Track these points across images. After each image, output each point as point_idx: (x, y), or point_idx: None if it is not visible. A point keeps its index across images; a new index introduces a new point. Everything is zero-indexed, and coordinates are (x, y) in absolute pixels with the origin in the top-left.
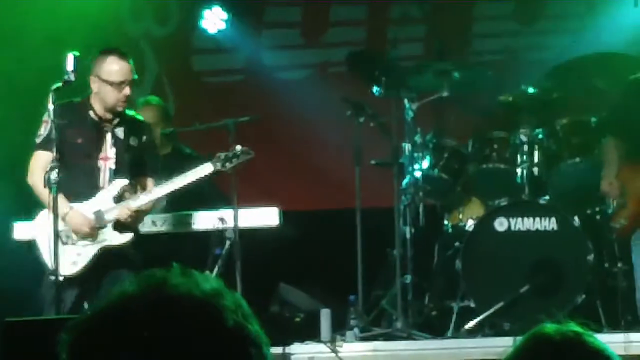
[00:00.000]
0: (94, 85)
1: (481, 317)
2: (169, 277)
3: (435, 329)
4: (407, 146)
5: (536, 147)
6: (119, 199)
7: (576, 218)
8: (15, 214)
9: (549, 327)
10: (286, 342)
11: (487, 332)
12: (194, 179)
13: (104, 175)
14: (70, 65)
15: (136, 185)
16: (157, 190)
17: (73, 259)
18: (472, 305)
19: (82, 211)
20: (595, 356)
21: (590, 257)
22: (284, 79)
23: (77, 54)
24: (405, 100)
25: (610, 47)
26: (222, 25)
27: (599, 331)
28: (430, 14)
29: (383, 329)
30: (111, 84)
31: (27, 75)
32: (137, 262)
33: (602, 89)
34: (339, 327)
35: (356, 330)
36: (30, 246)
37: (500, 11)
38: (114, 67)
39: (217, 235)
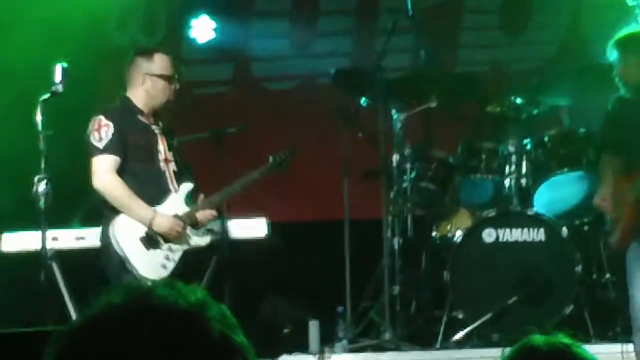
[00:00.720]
0: (146, 83)
1: (469, 328)
2: (154, 288)
3: (424, 340)
4: (395, 157)
5: (524, 157)
6: (188, 202)
7: (564, 229)
8: (5, 223)
9: (538, 338)
10: (274, 354)
11: (475, 343)
12: (254, 179)
13: (171, 179)
14: (58, 76)
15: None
16: (227, 191)
17: (162, 263)
18: (461, 316)
19: (166, 214)
20: None
21: (579, 268)
22: (272, 89)
23: (65, 64)
24: (393, 111)
25: (598, 58)
26: (212, 35)
27: (588, 342)
28: (418, 24)
29: (371, 340)
30: (166, 78)
31: (11, 86)
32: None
33: (590, 99)
34: (328, 339)
35: (344, 341)
36: (108, 254)
37: (487, 22)
38: (165, 62)
39: (205, 247)
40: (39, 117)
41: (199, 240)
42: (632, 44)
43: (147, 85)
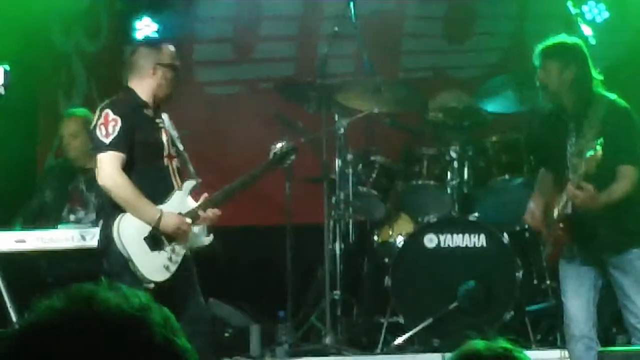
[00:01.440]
0: (157, 73)
1: (410, 333)
2: (97, 292)
3: (365, 344)
4: (337, 162)
5: (466, 164)
6: (191, 199)
7: (505, 235)
8: None
9: (479, 343)
10: (215, 358)
11: (416, 349)
12: (256, 176)
13: (174, 175)
14: (0, 78)
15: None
16: (229, 189)
17: (165, 264)
18: (402, 321)
19: (172, 212)
20: None
21: (519, 274)
22: (214, 94)
23: (8, 68)
24: (336, 117)
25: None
26: (154, 37)
27: (528, 348)
28: (361, 30)
29: (312, 344)
30: (175, 68)
31: None
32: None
33: (531, 107)
34: (269, 343)
35: (286, 346)
36: (108, 254)
37: (429, 29)
38: (172, 52)
39: None
40: None
41: (203, 239)
42: (554, 52)
43: (157, 76)
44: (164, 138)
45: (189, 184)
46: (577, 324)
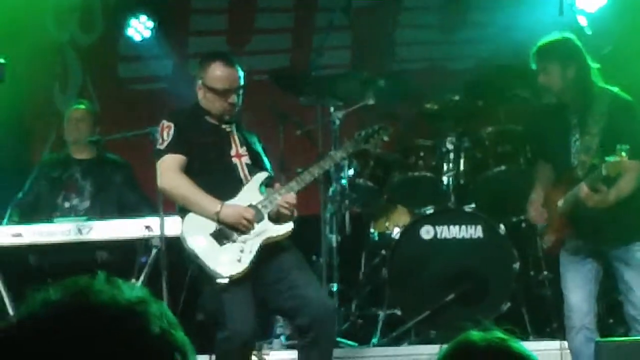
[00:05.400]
0: (200, 92)
1: (407, 325)
2: (93, 285)
3: (362, 336)
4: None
5: (462, 155)
6: (264, 191)
7: (502, 226)
8: None
9: (475, 334)
10: (213, 350)
11: (413, 340)
12: (340, 159)
13: (243, 171)
14: None
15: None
16: (306, 176)
17: (237, 257)
18: (399, 313)
19: (233, 204)
20: None
21: (516, 265)
22: None
23: (3, 60)
24: (331, 109)
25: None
26: (148, 34)
27: (525, 339)
28: (355, 21)
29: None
30: (216, 92)
31: None
32: (291, 245)
33: (527, 98)
34: (266, 335)
35: (282, 338)
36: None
37: (424, 20)
38: (218, 74)
39: (143, 244)
40: None
41: (278, 229)
42: (550, 52)
43: (200, 94)
44: (232, 140)
45: (260, 175)
46: (578, 315)
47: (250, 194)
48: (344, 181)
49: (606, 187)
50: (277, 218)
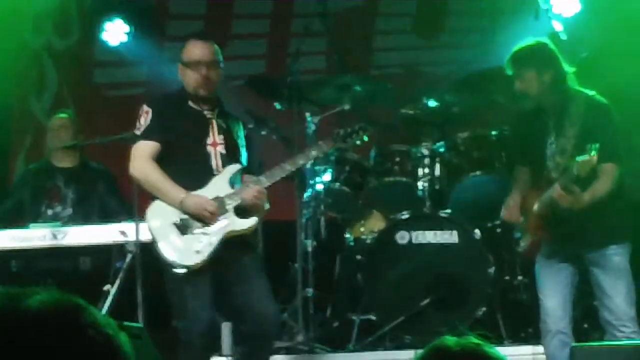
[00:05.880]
0: (180, 73)
1: (383, 330)
2: (29, 293)
3: (337, 342)
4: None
5: (437, 160)
6: (233, 184)
7: (477, 231)
8: None
9: (449, 339)
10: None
11: (388, 345)
12: (306, 162)
13: (216, 160)
14: None
15: (241, 176)
16: (265, 177)
17: (196, 248)
18: (374, 318)
19: (198, 194)
20: None
21: (491, 270)
22: None
23: None
24: (307, 114)
25: None
26: (124, 38)
27: (500, 344)
28: (331, 27)
29: (284, 342)
30: (189, 65)
31: None
32: (257, 248)
33: (503, 103)
34: (239, 341)
35: None
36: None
37: (400, 25)
38: (192, 49)
39: (118, 249)
40: None
41: (241, 223)
42: (526, 58)
43: (180, 74)
44: (211, 127)
45: (232, 167)
46: (553, 320)
47: (219, 185)
48: (319, 186)
49: (580, 187)
50: (243, 211)
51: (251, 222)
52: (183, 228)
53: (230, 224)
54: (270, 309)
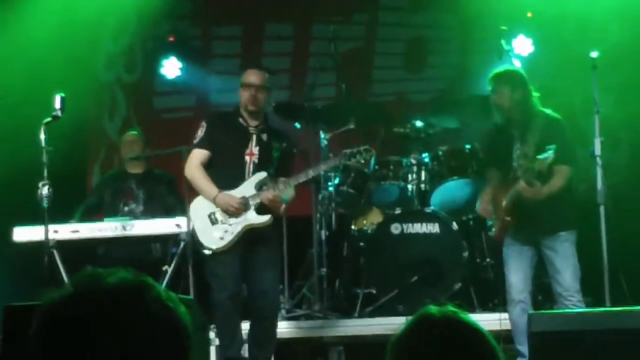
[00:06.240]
0: (239, 93)
1: (380, 301)
2: (102, 274)
3: (345, 310)
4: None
5: (423, 168)
6: (260, 187)
7: (454, 223)
8: (16, 219)
9: (433, 308)
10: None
11: (384, 313)
12: (322, 171)
13: (249, 168)
14: (57, 104)
15: (276, 177)
16: (291, 179)
17: (221, 235)
18: (374, 291)
19: (229, 193)
20: (467, 329)
21: (465, 253)
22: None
23: (63, 95)
24: (321, 132)
25: (482, 91)
26: (178, 72)
27: (473, 312)
28: (339, 64)
29: (304, 310)
30: (243, 85)
31: (14, 111)
32: (274, 240)
33: (472, 124)
34: None
35: (283, 311)
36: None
37: (393, 62)
38: (249, 75)
39: (174, 237)
40: (42, 136)
41: (258, 218)
42: (503, 78)
43: (240, 94)
44: (252, 141)
45: (259, 174)
46: (516, 291)
47: (247, 188)
48: (331, 189)
49: (540, 182)
50: (263, 210)
51: (265, 218)
52: (214, 219)
53: (250, 218)
54: (270, 290)
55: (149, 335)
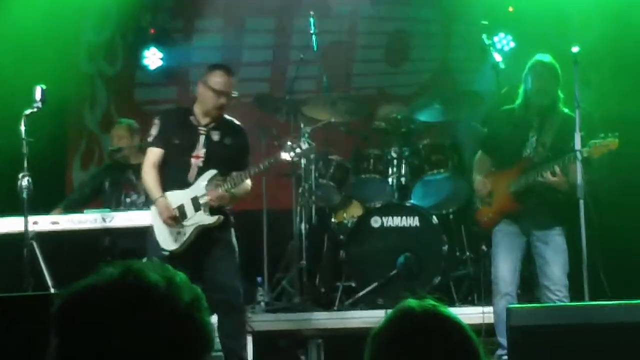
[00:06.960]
0: (199, 89)
1: (360, 294)
2: (144, 268)
3: (325, 303)
4: (302, 161)
5: (403, 162)
6: (211, 186)
7: (434, 217)
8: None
9: (412, 302)
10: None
11: (364, 306)
12: (266, 167)
13: (193, 171)
14: (38, 95)
15: (226, 175)
16: (238, 176)
17: (174, 237)
18: (353, 285)
19: (167, 201)
20: (446, 323)
21: (445, 247)
22: None
23: (44, 87)
24: (302, 125)
25: (461, 86)
26: (160, 63)
27: (452, 305)
28: (321, 57)
29: (284, 303)
30: (213, 91)
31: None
32: (224, 237)
33: (454, 119)
34: (249, 302)
35: (263, 304)
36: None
37: (374, 56)
38: (219, 79)
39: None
40: (22, 127)
41: (208, 218)
42: (553, 66)
43: (199, 91)
44: (199, 142)
45: (209, 173)
46: (503, 283)
47: (198, 187)
48: (311, 182)
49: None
50: (212, 210)
51: (214, 218)
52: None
53: (201, 220)
54: (227, 282)
55: (168, 339)
